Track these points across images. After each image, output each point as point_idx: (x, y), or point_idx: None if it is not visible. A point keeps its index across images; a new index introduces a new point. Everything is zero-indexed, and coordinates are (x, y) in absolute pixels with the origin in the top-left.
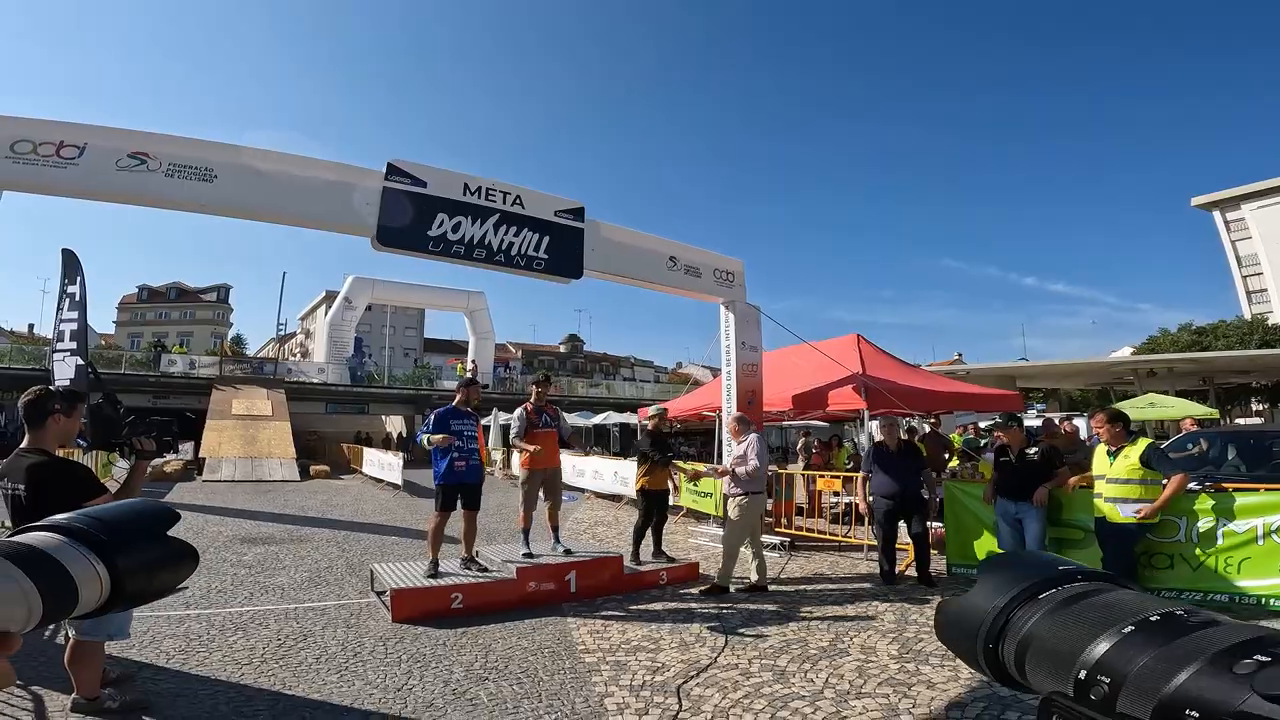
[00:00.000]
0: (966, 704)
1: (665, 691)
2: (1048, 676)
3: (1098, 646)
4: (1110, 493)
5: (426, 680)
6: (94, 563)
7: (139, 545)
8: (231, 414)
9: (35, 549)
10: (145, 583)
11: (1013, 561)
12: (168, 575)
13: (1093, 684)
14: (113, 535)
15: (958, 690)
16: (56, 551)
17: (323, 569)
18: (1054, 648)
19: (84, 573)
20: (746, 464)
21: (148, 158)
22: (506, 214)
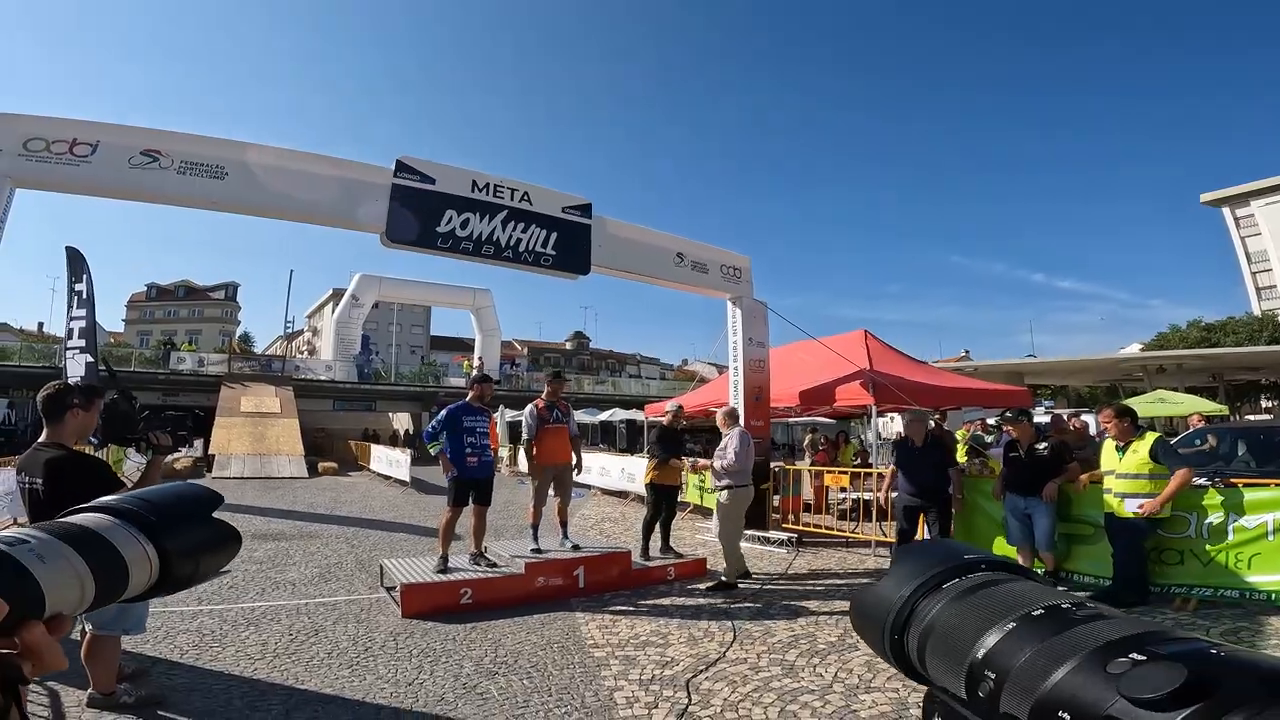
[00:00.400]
0: None
1: (674, 685)
2: (943, 669)
3: (987, 640)
4: (1119, 488)
5: (437, 675)
6: (144, 544)
7: (186, 527)
8: (240, 411)
9: (88, 529)
10: (192, 566)
11: (922, 550)
12: (212, 558)
13: (980, 679)
14: (161, 517)
15: None
16: (108, 532)
17: (332, 565)
18: (948, 640)
19: (134, 554)
20: (725, 457)
21: (159, 155)
22: (514, 210)
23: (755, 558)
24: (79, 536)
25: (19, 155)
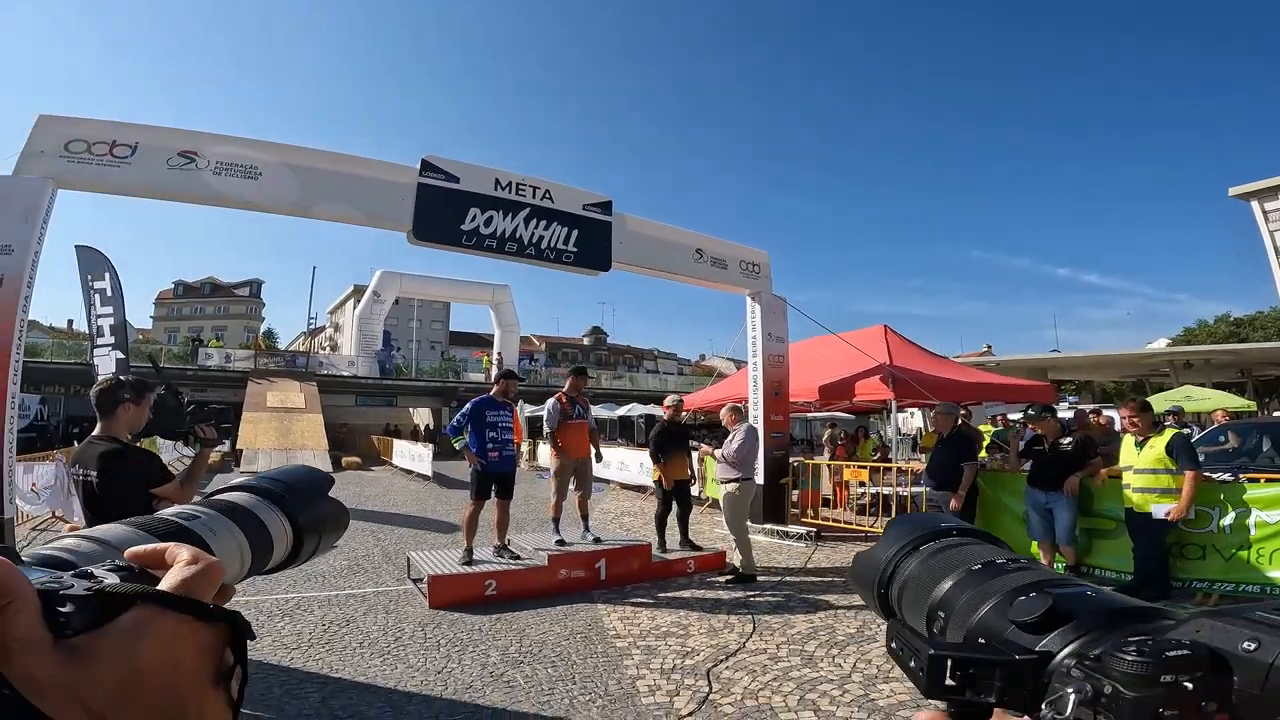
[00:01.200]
0: None
1: (695, 674)
2: (912, 613)
3: (942, 587)
4: (1137, 483)
5: (465, 663)
6: (282, 520)
7: (312, 505)
8: (266, 406)
9: (241, 506)
10: (316, 540)
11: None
12: (331, 534)
13: (935, 618)
14: (294, 496)
15: None
16: (256, 509)
17: (360, 557)
18: (917, 589)
19: (276, 530)
20: (729, 447)
21: (196, 156)
22: (537, 208)
23: (774, 552)
24: (237, 512)
25: (60, 157)
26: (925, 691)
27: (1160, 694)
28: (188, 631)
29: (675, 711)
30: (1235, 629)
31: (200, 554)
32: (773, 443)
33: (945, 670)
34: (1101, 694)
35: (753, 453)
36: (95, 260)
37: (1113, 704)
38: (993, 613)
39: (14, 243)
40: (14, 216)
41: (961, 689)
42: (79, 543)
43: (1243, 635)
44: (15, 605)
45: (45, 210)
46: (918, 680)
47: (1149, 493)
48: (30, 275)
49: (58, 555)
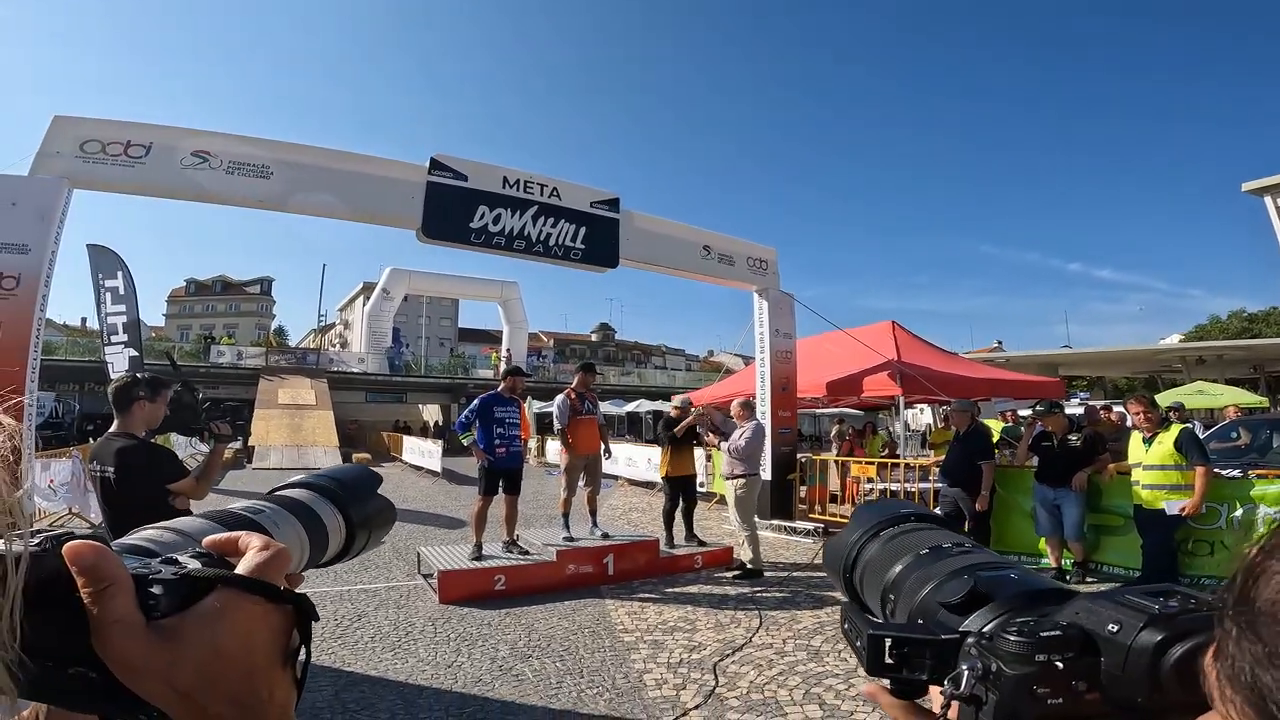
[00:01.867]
0: None
1: (702, 668)
2: (871, 595)
3: (893, 570)
4: (1146, 479)
5: (474, 657)
6: (337, 516)
7: (364, 503)
8: (278, 403)
9: (301, 502)
10: (366, 536)
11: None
12: (380, 530)
13: (886, 600)
14: (347, 494)
15: None
16: (314, 505)
17: (371, 553)
18: (874, 572)
19: (332, 525)
20: (737, 441)
21: (209, 155)
22: (545, 205)
23: (781, 547)
24: (297, 508)
25: (76, 157)
26: (867, 669)
27: (1035, 672)
28: (262, 614)
29: (681, 705)
30: (1105, 611)
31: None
32: (780, 439)
33: (884, 649)
34: (990, 671)
35: (759, 449)
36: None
37: (997, 680)
38: (930, 595)
39: (31, 242)
40: (31, 217)
41: (899, 667)
42: (159, 533)
43: (1109, 618)
44: (112, 589)
45: (62, 210)
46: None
47: (1158, 489)
48: (47, 274)
49: (141, 544)
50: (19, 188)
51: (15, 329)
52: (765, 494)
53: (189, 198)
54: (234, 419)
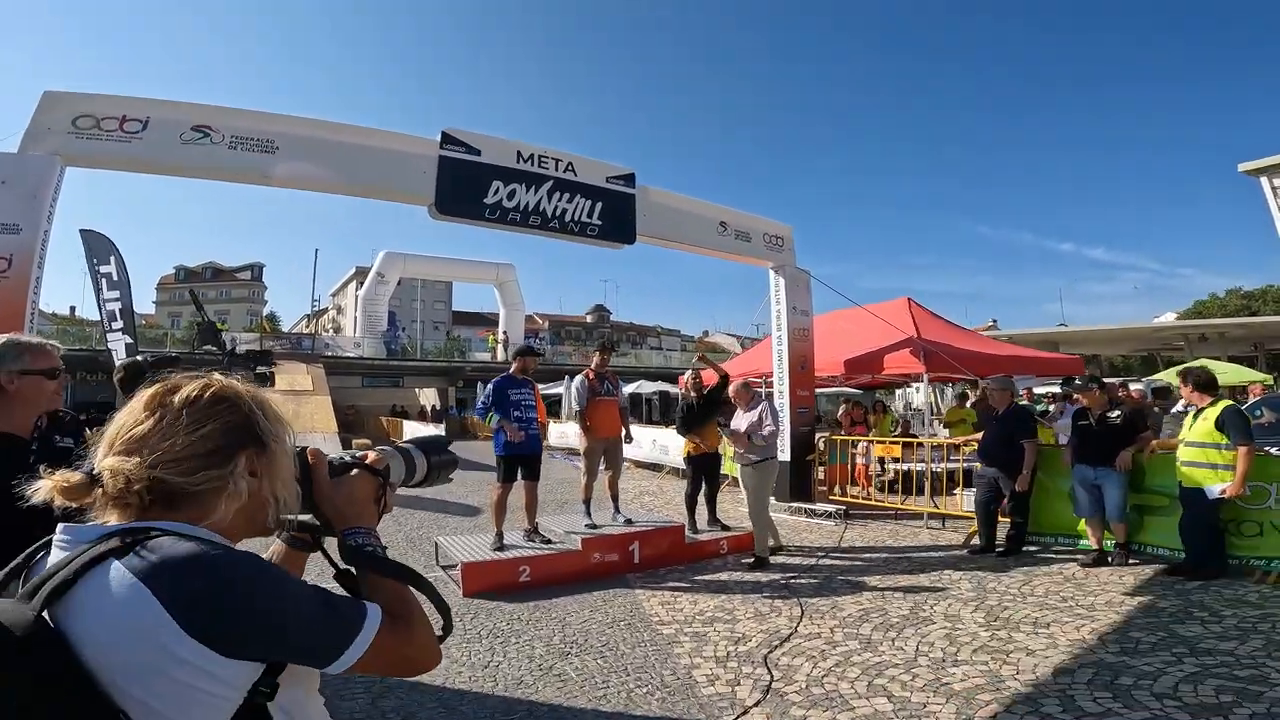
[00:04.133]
0: (1074, 670)
1: (752, 662)
2: None
3: None
4: (1186, 456)
5: (510, 656)
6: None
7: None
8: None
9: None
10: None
11: None
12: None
13: None
14: (429, 446)
15: (1060, 657)
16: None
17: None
18: None
19: (419, 462)
20: (763, 428)
21: (210, 130)
22: (560, 180)
23: (803, 530)
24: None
25: (68, 133)
26: None
27: None
28: (369, 477)
29: (740, 702)
30: None
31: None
32: (799, 419)
33: None
34: None
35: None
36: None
37: None
38: None
39: (22, 222)
40: (22, 195)
41: None
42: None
43: None
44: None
45: (54, 188)
46: None
47: (1196, 467)
48: (40, 255)
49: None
50: (8, 165)
51: (8, 312)
52: (784, 476)
53: (189, 174)
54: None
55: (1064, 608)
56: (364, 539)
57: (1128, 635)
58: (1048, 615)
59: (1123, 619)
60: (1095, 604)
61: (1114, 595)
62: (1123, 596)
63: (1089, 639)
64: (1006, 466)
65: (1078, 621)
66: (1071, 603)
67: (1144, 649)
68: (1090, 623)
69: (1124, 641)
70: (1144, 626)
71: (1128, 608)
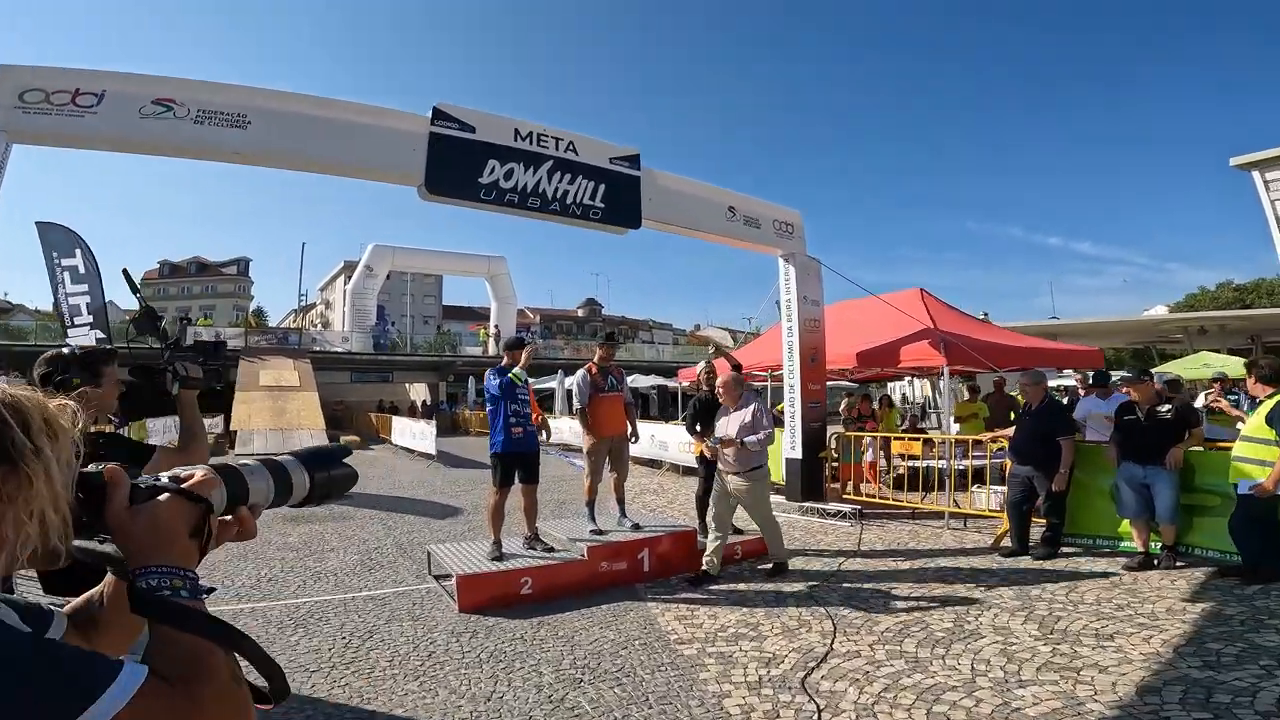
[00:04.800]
0: (1160, 689)
1: (789, 687)
2: None
3: None
4: (1239, 450)
5: (515, 685)
6: (303, 473)
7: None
8: (259, 385)
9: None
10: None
11: None
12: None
13: None
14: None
15: (1140, 673)
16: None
17: (372, 549)
18: None
19: (298, 479)
20: (758, 432)
21: (174, 104)
22: (560, 160)
23: (817, 531)
24: (273, 465)
25: (15, 108)
26: None
27: None
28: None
29: None
30: None
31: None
32: (810, 414)
33: None
34: None
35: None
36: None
37: None
38: None
39: None
40: None
41: None
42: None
43: None
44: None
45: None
46: None
47: (1245, 462)
48: None
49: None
50: None
51: None
52: (795, 474)
53: (149, 151)
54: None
55: (1123, 617)
56: (161, 580)
57: (1205, 647)
58: (1108, 625)
59: (1193, 628)
60: (1156, 612)
61: (1173, 602)
62: (1183, 603)
63: (1163, 652)
64: (1042, 464)
65: (1144, 632)
66: (1130, 611)
67: (1227, 662)
68: (1158, 633)
69: (1203, 654)
70: (1218, 636)
71: (1193, 615)
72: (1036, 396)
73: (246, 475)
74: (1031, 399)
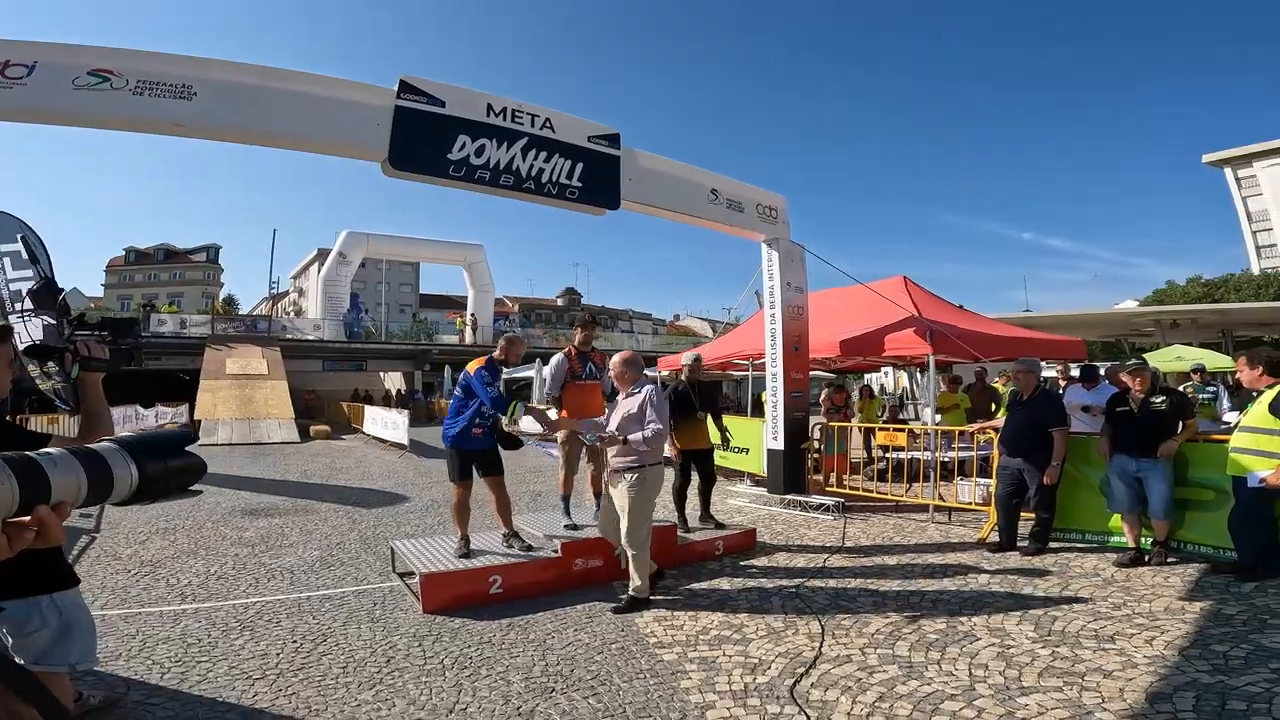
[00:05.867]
0: (1171, 695)
1: (777, 698)
2: None
3: None
4: (1238, 442)
5: (481, 694)
6: (130, 464)
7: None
8: (226, 374)
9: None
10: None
11: None
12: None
13: None
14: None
15: (1147, 679)
16: (107, 454)
17: (334, 545)
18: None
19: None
20: (646, 427)
21: (112, 75)
22: (536, 138)
23: (800, 525)
24: (87, 456)
25: None
26: None
27: None
28: None
29: None
30: None
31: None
32: (793, 403)
33: None
34: None
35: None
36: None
37: None
38: None
39: None
40: None
41: None
42: None
43: None
44: None
45: None
46: None
47: (1245, 454)
48: None
49: None
50: None
51: None
52: (777, 466)
53: (83, 123)
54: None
55: (1120, 617)
56: None
57: (1210, 649)
58: (1107, 626)
59: (1194, 629)
60: (1154, 611)
61: (1170, 600)
62: (1181, 602)
63: (1168, 655)
64: (1033, 457)
65: (1145, 633)
66: (1127, 610)
67: (1236, 665)
68: (1159, 634)
69: (1209, 657)
70: (1222, 638)
71: (1192, 615)
72: (1029, 386)
73: (48, 467)
74: (1024, 387)
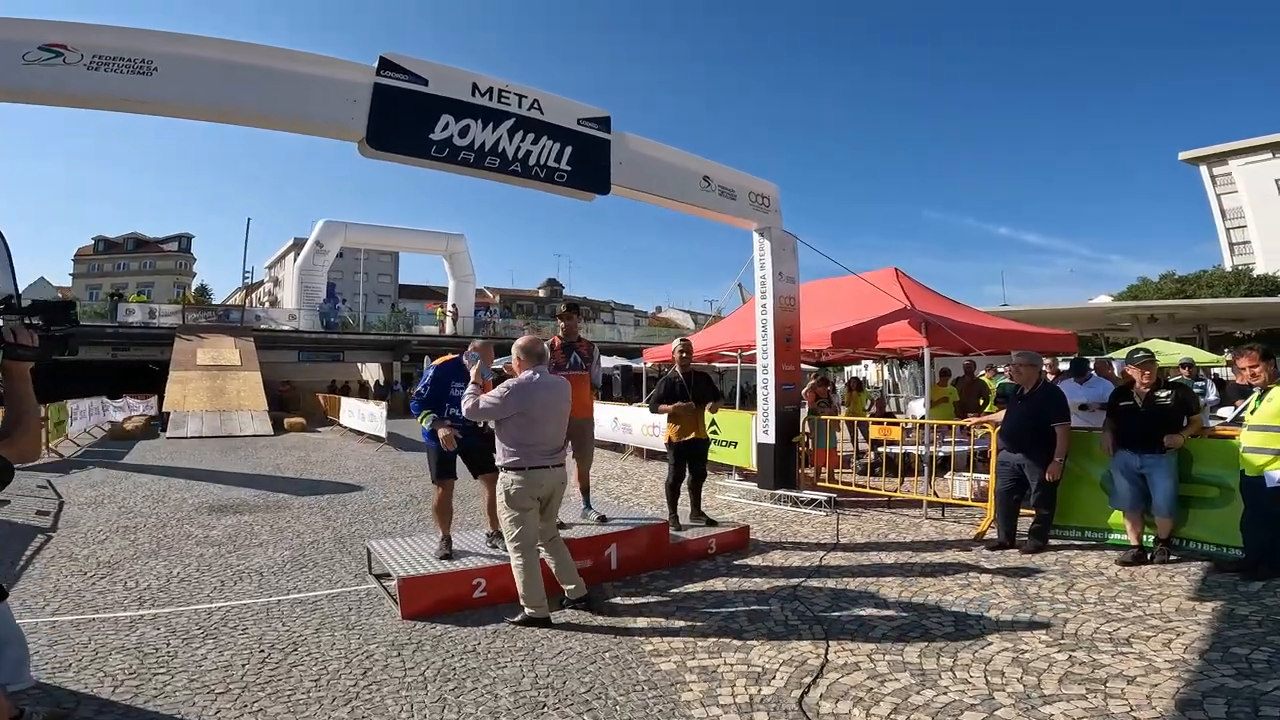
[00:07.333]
0: (1201, 701)
1: (784, 710)
2: None
3: None
4: (1248, 440)
5: (466, 710)
6: None
7: None
8: (196, 365)
9: None
10: None
11: None
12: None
13: None
14: None
15: (1172, 684)
16: None
17: (306, 544)
18: None
19: None
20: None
21: (65, 50)
22: (523, 119)
23: (792, 521)
24: None
25: None
26: None
27: None
28: None
29: None
30: None
31: None
32: (784, 396)
33: None
34: None
35: (547, 422)
36: None
37: None
38: None
39: None
40: None
41: None
42: None
43: None
44: None
45: None
46: None
47: (1259, 453)
48: None
49: None
50: None
51: None
52: (767, 460)
53: (35, 100)
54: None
55: (1133, 618)
56: None
57: (1231, 652)
58: (1120, 629)
59: (1210, 630)
60: (1166, 612)
61: (1180, 601)
62: (1191, 602)
63: (1189, 658)
64: (1034, 452)
65: (1161, 635)
66: (1139, 611)
67: (1260, 669)
68: (1176, 637)
69: (1231, 660)
70: (1241, 640)
71: (1205, 616)
72: (1030, 379)
73: None
74: (1024, 381)
